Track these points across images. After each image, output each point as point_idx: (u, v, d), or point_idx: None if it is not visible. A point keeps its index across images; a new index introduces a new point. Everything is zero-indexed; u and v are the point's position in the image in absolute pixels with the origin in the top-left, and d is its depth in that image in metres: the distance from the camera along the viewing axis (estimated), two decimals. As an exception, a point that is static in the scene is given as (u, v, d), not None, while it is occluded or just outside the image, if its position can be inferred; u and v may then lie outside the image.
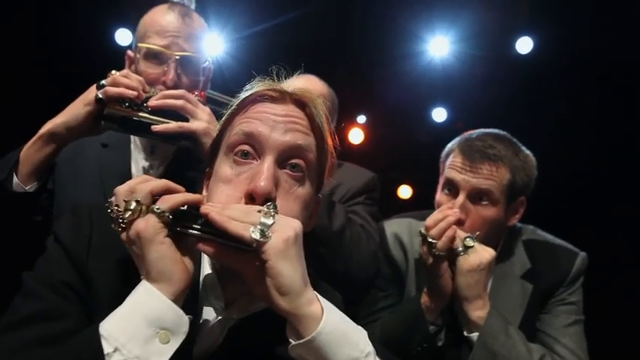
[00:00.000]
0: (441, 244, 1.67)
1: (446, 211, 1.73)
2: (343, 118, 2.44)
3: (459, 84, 4.23)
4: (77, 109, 1.54)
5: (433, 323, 1.76)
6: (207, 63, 1.85)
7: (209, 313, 1.07)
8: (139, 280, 0.93)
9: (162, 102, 1.56)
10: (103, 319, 0.89)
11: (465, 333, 1.72)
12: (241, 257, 0.91)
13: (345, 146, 1.87)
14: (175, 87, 1.68)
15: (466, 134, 1.91)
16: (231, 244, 0.90)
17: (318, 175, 1.14)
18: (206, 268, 1.09)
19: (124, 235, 0.94)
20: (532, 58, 4.12)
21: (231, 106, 1.14)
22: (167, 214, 0.92)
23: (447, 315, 1.79)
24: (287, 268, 0.89)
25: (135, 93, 1.52)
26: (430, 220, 1.72)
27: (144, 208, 0.93)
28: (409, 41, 4.15)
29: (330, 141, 1.15)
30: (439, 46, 4.20)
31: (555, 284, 1.90)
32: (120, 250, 0.97)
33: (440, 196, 1.89)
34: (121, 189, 0.96)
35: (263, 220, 0.90)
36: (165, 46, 1.72)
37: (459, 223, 1.73)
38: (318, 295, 0.95)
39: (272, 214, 0.92)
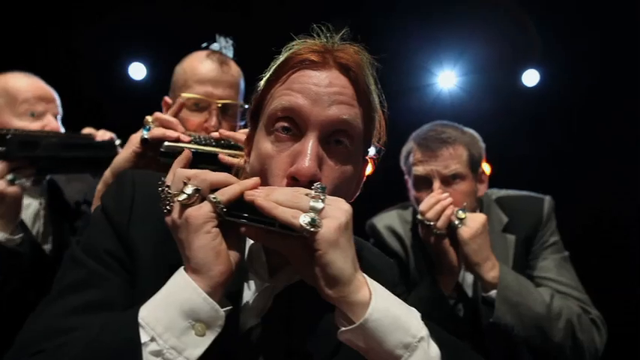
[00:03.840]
0: (440, 223, 1.82)
1: (437, 196, 1.87)
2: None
3: (467, 116, 4.26)
4: (123, 153, 1.57)
5: (450, 297, 1.94)
6: (243, 108, 1.91)
7: (254, 282, 1.05)
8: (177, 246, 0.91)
9: (233, 134, 1.62)
10: (144, 282, 0.88)
11: (483, 294, 1.87)
12: (289, 242, 0.87)
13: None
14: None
15: (416, 132, 2.09)
16: (278, 230, 0.85)
17: (365, 143, 1.08)
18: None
19: (168, 218, 0.90)
20: (539, 91, 4.19)
21: (269, 70, 1.06)
22: (222, 205, 0.87)
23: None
24: (338, 257, 0.85)
25: (176, 134, 1.55)
26: (424, 205, 1.85)
27: (199, 196, 0.88)
28: (418, 74, 4.23)
29: (378, 106, 1.08)
30: (447, 79, 4.27)
31: (533, 230, 2.08)
32: (160, 215, 0.93)
33: (415, 193, 2.05)
34: (182, 172, 0.92)
35: (312, 204, 0.85)
36: (206, 94, 1.77)
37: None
38: (367, 278, 0.90)
39: (321, 197, 0.87)
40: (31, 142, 1.75)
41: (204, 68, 1.80)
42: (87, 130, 2.05)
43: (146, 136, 1.53)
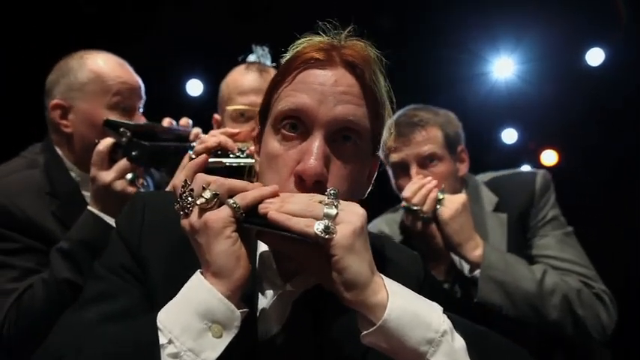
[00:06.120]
0: (427, 207, 1.81)
1: (420, 181, 1.86)
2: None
3: (527, 104, 4.08)
4: (179, 175, 1.63)
5: (446, 282, 1.93)
6: None
7: (269, 290, 1.06)
8: (189, 260, 0.93)
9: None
10: (159, 298, 0.92)
11: (469, 274, 1.85)
12: (306, 248, 0.88)
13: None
14: None
15: (390, 119, 2.08)
16: (295, 237, 0.87)
17: (374, 140, 1.09)
18: (262, 246, 1.08)
19: (185, 222, 0.92)
20: (604, 70, 3.93)
21: (276, 69, 1.10)
22: (242, 211, 0.89)
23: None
24: (354, 262, 0.86)
25: (215, 146, 1.59)
26: (408, 191, 1.84)
27: (218, 200, 0.90)
28: (471, 63, 4.06)
29: (387, 102, 1.09)
30: (503, 67, 4.09)
31: (525, 206, 2.01)
32: (170, 233, 0.97)
33: (395, 181, 2.05)
34: (202, 176, 0.94)
35: (326, 211, 0.87)
36: (249, 104, 1.83)
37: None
38: (385, 279, 0.91)
39: (335, 203, 0.88)
40: (155, 147, 1.74)
41: (244, 80, 1.88)
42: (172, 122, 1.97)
43: (192, 155, 1.60)
